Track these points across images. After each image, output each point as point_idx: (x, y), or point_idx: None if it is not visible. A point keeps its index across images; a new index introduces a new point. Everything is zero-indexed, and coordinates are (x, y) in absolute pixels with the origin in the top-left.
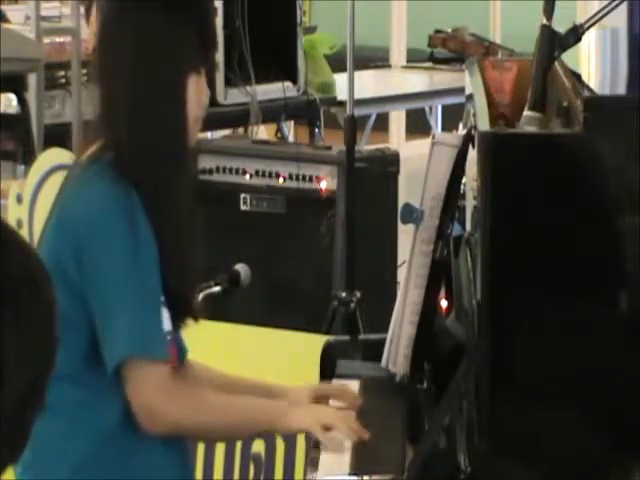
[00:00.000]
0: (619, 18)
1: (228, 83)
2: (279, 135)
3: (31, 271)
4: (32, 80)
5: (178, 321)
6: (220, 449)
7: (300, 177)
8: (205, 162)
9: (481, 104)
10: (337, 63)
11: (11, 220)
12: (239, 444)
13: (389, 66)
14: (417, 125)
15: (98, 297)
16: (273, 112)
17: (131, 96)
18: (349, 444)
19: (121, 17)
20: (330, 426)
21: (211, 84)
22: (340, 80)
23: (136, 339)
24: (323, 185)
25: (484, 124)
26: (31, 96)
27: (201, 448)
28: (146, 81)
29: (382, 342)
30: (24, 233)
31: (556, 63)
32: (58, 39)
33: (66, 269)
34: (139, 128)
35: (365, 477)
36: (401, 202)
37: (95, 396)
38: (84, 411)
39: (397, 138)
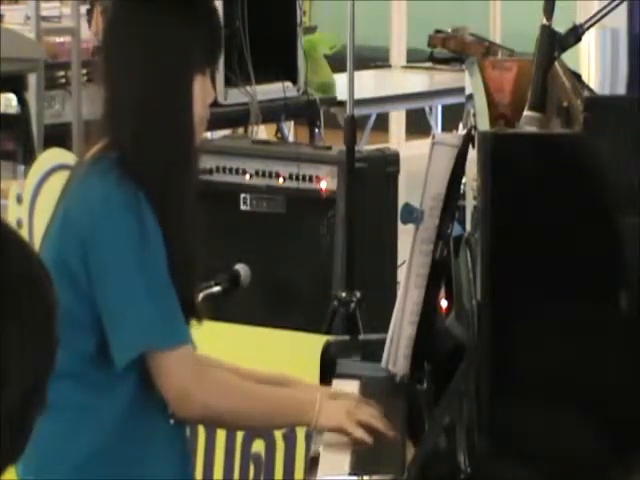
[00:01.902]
0: (619, 18)
1: (228, 83)
2: (279, 135)
3: (31, 271)
4: (32, 80)
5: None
6: (220, 449)
7: (300, 177)
8: (205, 162)
9: (481, 104)
10: (337, 63)
11: (11, 220)
12: (239, 444)
13: (389, 66)
14: (417, 125)
15: (107, 294)
16: (273, 112)
17: (136, 96)
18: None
19: (127, 18)
20: (363, 422)
21: (213, 85)
22: (340, 80)
23: (157, 331)
24: (323, 185)
25: (484, 124)
26: (31, 96)
27: (201, 448)
28: (152, 81)
29: (382, 342)
30: (24, 233)
31: (556, 63)
32: (58, 39)
33: (72, 268)
34: (144, 128)
35: (365, 477)
36: (401, 202)
37: (97, 397)
38: (86, 411)
39: (397, 138)
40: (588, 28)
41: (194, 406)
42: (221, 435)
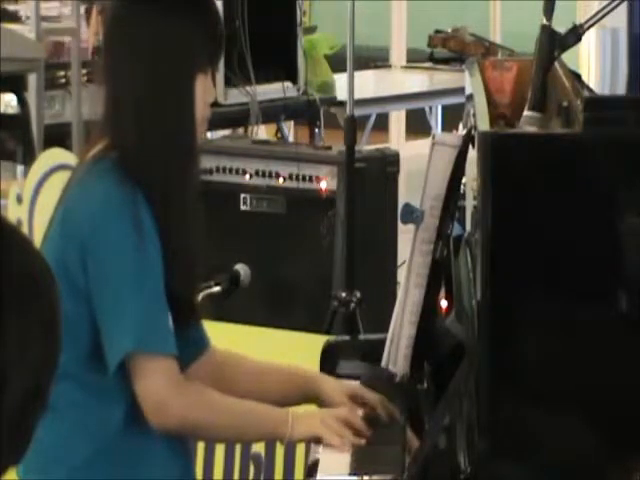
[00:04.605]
0: (619, 18)
1: (228, 83)
2: (279, 135)
3: (34, 270)
4: (32, 80)
5: (180, 321)
6: (220, 449)
7: (300, 177)
8: (205, 162)
9: (481, 104)
10: (337, 63)
11: (11, 220)
12: (239, 444)
13: (389, 66)
14: (417, 125)
15: (103, 295)
16: (273, 112)
17: (138, 96)
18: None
19: (129, 17)
20: (337, 429)
21: (213, 84)
22: (340, 80)
23: (143, 333)
24: (323, 185)
25: (484, 124)
26: (31, 96)
27: (201, 448)
28: (154, 81)
29: (382, 342)
30: None
31: (556, 63)
32: (58, 39)
33: (70, 268)
34: (146, 128)
35: (365, 477)
36: (401, 202)
37: (96, 397)
38: (85, 412)
39: (397, 138)
40: (588, 28)
41: (170, 418)
42: None
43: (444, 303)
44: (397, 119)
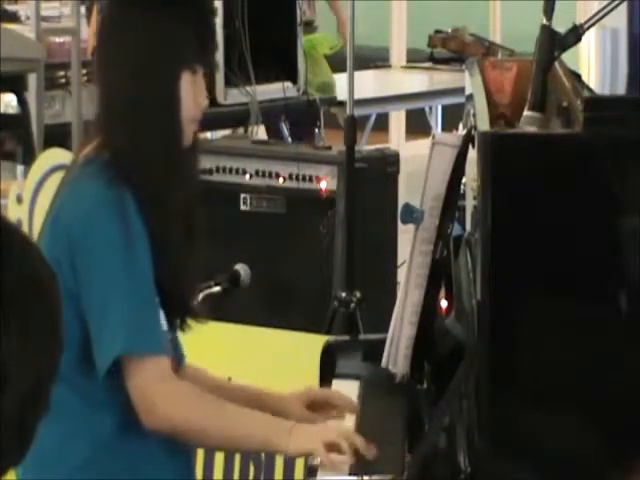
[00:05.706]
0: (619, 18)
1: (228, 83)
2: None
3: (34, 270)
4: (32, 80)
5: (175, 322)
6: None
7: (300, 177)
8: (205, 162)
9: (481, 104)
10: (337, 63)
11: (11, 220)
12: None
13: (389, 66)
14: (417, 125)
15: (92, 296)
16: (273, 112)
17: (126, 96)
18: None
19: (119, 17)
20: (334, 444)
21: (211, 85)
22: (340, 80)
23: (133, 335)
24: (323, 185)
25: (484, 124)
26: (31, 96)
27: (201, 448)
28: (140, 81)
29: (382, 342)
30: None
31: (556, 63)
32: (58, 39)
33: (62, 269)
34: (134, 128)
35: (365, 477)
36: (401, 202)
37: (87, 401)
38: (80, 415)
39: (397, 138)
40: (588, 28)
41: (157, 419)
42: None
43: (444, 303)
44: (397, 119)
